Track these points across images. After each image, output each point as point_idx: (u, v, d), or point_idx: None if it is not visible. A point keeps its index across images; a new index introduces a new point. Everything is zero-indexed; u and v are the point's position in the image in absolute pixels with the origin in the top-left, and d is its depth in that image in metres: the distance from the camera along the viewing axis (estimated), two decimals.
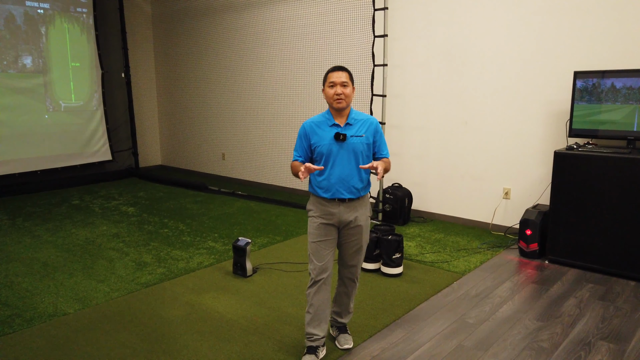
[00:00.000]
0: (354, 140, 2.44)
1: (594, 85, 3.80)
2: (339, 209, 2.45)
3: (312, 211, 2.52)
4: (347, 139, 2.42)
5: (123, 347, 2.66)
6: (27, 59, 6.54)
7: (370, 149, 2.49)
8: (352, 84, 2.46)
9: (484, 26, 4.56)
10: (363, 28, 5.38)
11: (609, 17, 3.90)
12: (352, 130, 2.45)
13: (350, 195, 2.45)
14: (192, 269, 3.80)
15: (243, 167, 7.15)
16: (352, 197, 2.45)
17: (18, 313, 3.07)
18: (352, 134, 2.44)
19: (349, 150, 2.43)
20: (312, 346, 2.53)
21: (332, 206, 2.45)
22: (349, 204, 2.46)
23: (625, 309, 3.12)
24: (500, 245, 4.36)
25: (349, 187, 2.44)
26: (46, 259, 4.02)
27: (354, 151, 2.44)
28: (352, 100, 2.46)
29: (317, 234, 2.48)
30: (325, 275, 2.48)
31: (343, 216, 2.46)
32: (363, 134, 2.45)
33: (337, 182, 2.43)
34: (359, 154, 2.44)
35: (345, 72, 2.44)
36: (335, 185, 2.44)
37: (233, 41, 6.87)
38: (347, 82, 2.41)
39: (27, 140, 6.63)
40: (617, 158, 3.53)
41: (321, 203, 2.48)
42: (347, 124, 2.46)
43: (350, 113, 2.49)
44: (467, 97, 4.76)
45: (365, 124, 2.48)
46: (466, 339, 2.76)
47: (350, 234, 2.50)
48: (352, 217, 2.47)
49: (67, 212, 5.55)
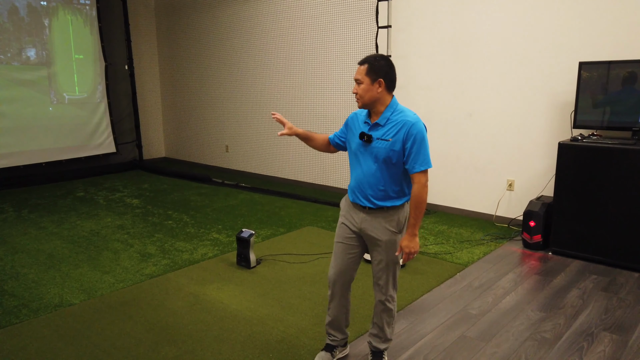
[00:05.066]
0: (379, 144, 2.12)
1: (599, 76, 3.77)
2: (359, 216, 2.23)
3: (341, 209, 2.37)
4: (372, 142, 2.14)
5: (128, 337, 2.68)
6: (30, 51, 6.55)
7: (399, 156, 2.11)
8: (376, 77, 2.10)
9: (489, 17, 4.52)
10: (367, 19, 5.35)
11: (614, 8, 3.86)
12: (380, 131, 2.14)
13: (369, 204, 2.19)
14: (196, 260, 3.83)
15: (247, 159, 7.16)
16: (370, 206, 2.19)
17: (24, 303, 3.10)
18: (379, 137, 2.13)
19: (371, 154, 2.15)
20: (329, 344, 2.46)
21: (355, 211, 2.26)
22: (369, 212, 2.21)
23: (628, 300, 3.12)
24: (503, 236, 4.35)
25: (365, 194, 2.19)
26: (52, 251, 4.05)
27: (376, 156, 2.14)
28: (375, 96, 2.12)
29: (338, 233, 2.33)
30: (337, 279, 2.32)
31: (363, 225, 2.23)
32: (390, 138, 2.10)
33: (356, 186, 2.22)
34: (381, 160, 2.12)
35: (362, 66, 2.13)
36: (354, 188, 2.24)
37: (236, 33, 6.85)
38: (361, 79, 2.12)
39: (31, 133, 6.65)
40: (622, 149, 3.51)
41: (348, 203, 2.31)
42: (377, 124, 2.15)
43: (386, 111, 2.14)
44: (472, 88, 4.73)
45: (397, 127, 2.10)
46: (469, 330, 2.77)
47: (372, 248, 2.26)
48: (371, 229, 2.21)
49: (72, 204, 5.58)
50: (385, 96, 2.14)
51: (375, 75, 2.11)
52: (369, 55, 2.16)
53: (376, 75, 2.11)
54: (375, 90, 2.11)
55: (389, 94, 2.16)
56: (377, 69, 2.11)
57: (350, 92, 5.64)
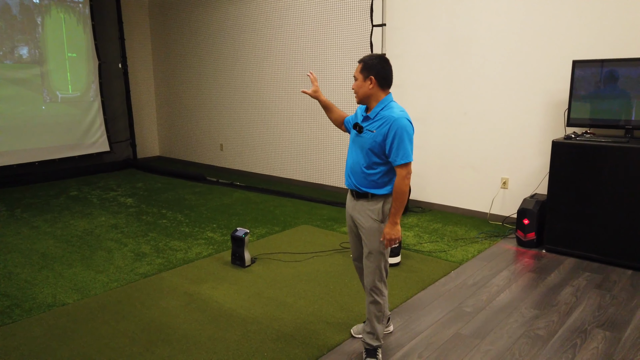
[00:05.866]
0: (366, 135, 2.31)
1: (592, 74, 3.79)
2: (352, 203, 2.43)
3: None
4: (363, 132, 2.33)
5: (122, 337, 2.67)
6: (23, 50, 6.50)
7: (380, 148, 2.27)
8: (367, 74, 2.27)
9: (484, 16, 4.53)
10: (361, 17, 5.35)
11: (608, 7, 3.88)
12: (368, 124, 2.32)
13: (355, 189, 2.37)
14: (191, 259, 3.81)
15: (241, 158, 7.14)
16: (357, 190, 2.36)
17: (17, 303, 3.08)
18: (368, 128, 2.31)
19: (360, 143, 2.34)
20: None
21: (350, 198, 2.45)
22: (357, 198, 2.39)
23: (621, 298, 3.14)
24: (498, 234, 4.37)
25: (353, 179, 2.38)
26: (45, 250, 4.02)
27: (362, 146, 2.33)
28: (367, 92, 2.29)
29: (347, 223, 2.54)
30: (356, 262, 2.60)
31: (353, 212, 2.43)
32: (374, 130, 2.27)
33: (349, 170, 2.41)
34: (366, 149, 2.31)
35: (359, 64, 2.31)
36: (347, 173, 2.42)
37: (230, 31, 6.83)
38: (356, 75, 2.30)
39: (24, 132, 6.61)
40: (615, 147, 3.53)
41: (349, 192, 2.49)
42: (367, 117, 2.33)
43: (377, 106, 2.30)
44: (467, 87, 4.74)
45: (382, 121, 2.26)
46: (463, 327, 2.78)
47: (361, 234, 2.41)
48: (358, 215, 2.39)
49: (65, 203, 5.55)
50: (378, 92, 2.30)
51: (368, 73, 2.28)
52: (366, 55, 2.34)
53: (368, 73, 2.28)
54: (367, 86, 2.29)
55: (383, 90, 2.31)
56: (369, 67, 2.28)
57: (346, 90, 5.65)
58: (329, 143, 5.98)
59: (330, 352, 2.54)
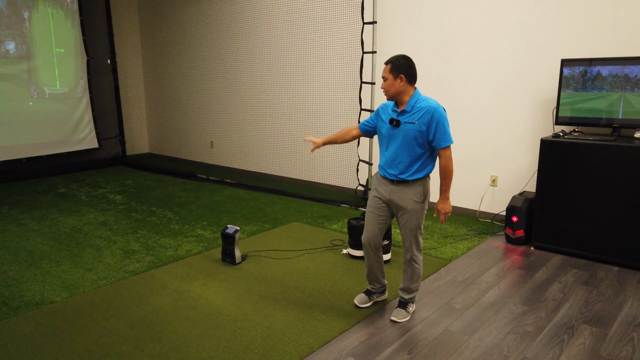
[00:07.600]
0: (407, 127, 2.58)
1: (580, 73, 3.83)
2: (389, 188, 2.70)
3: (372, 185, 2.83)
4: (401, 125, 2.59)
5: (111, 335, 2.66)
6: (10, 45, 6.41)
7: (423, 136, 2.57)
8: (397, 74, 2.55)
9: (474, 14, 4.56)
10: (352, 15, 5.35)
11: (596, 6, 3.91)
12: (406, 117, 2.59)
13: (396, 177, 2.65)
14: (181, 256, 3.80)
15: (232, 155, 7.12)
16: (398, 179, 2.65)
17: (4, 301, 3.05)
18: (407, 121, 2.58)
19: (401, 135, 2.60)
20: (369, 290, 2.99)
21: (384, 184, 2.72)
22: (397, 185, 2.67)
23: (608, 294, 3.18)
24: (487, 232, 4.40)
25: (394, 170, 2.65)
26: (32, 248, 3.98)
27: (405, 136, 2.59)
28: (399, 89, 2.57)
29: (369, 204, 2.80)
30: (369, 242, 2.81)
31: (391, 196, 2.69)
32: (416, 121, 2.55)
33: (387, 163, 2.68)
34: (410, 139, 2.58)
35: (387, 65, 2.59)
36: (384, 166, 2.70)
37: (221, 27, 6.80)
38: (386, 76, 2.57)
39: (11, 128, 6.52)
40: (603, 145, 3.58)
41: (378, 179, 2.78)
42: (404, 110, 2.60)
43: (411, 100, 2.59)
44: (457, 85, 4.77)
45: (422, 112, 2.55)
46: (453, 324, 2.80)
47: (399, 215, 2.71)
48: (398, 199, 2.67)
49: (53, 200, 5.49)
50: (408, 88, 2.60)
51: (397, 72, 2.56)
52: (391, 57, 2.61)
53: (397, 72, 2.56)
54: (398, 84, 2.57)
55: (411, 86, 2.61)
56: (398, 67, 2.56)
57: (335, 87, 5.65)
58: None
59: (321, 349, 2.55)
